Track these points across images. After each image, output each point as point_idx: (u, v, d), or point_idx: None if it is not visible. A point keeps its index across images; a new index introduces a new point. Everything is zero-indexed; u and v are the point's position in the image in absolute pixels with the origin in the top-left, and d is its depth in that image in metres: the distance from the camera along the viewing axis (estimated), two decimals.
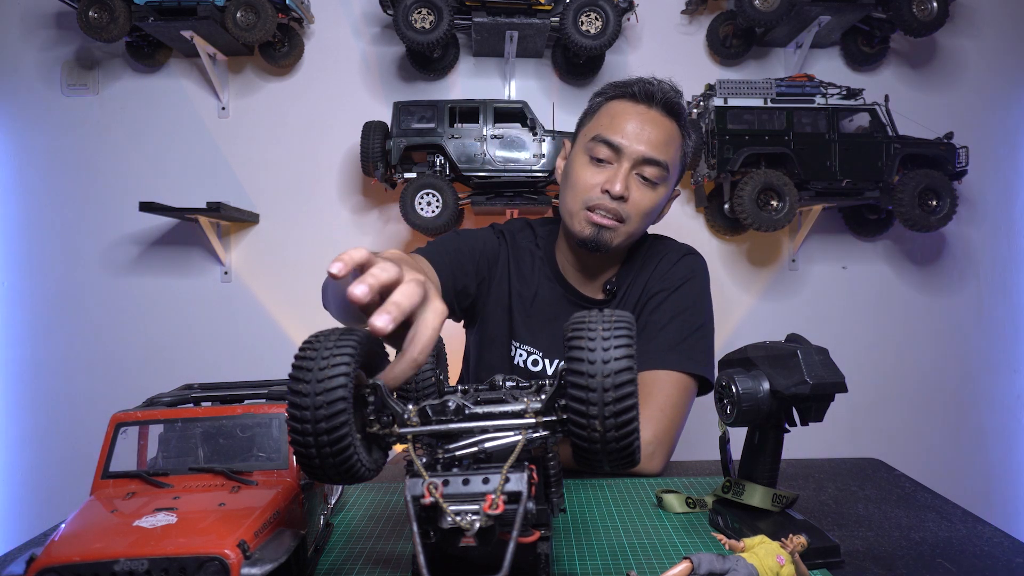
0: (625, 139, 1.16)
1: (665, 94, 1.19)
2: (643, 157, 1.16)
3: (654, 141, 1.17)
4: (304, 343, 0.53)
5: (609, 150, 1.17)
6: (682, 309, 1.24)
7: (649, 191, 1.19)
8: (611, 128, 1.18)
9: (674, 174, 1.23)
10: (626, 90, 1.20)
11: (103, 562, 0.50)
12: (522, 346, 1.30)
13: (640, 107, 1.19)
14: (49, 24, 2.29)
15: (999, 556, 0.74)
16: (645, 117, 1.18)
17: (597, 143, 1.18)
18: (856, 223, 2.36)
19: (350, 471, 0.52)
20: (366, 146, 2.02)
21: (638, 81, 1.21)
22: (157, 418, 0.69)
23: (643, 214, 1.20)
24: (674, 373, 1.17)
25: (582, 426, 0.50)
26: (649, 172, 1.18)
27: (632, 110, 1.18)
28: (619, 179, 1.15)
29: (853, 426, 2.33)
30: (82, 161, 2.28)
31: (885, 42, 2.34)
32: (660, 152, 1.17)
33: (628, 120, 1.17)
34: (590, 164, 1.19)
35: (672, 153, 1.19)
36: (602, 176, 1.18)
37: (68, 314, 2.28)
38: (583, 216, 1.19)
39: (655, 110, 1.18)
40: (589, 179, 1.19)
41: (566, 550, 0.75)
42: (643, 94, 1.19)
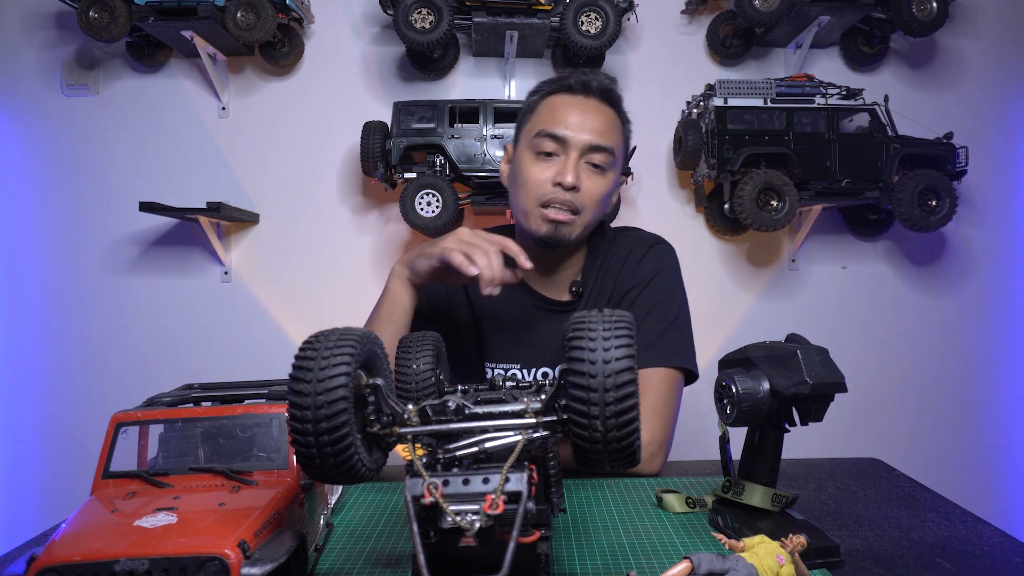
0: (569, 130, 1.16)
1: (601, 83, 1.21)
2: (589, 145, 1.16)
3: (597, 128, 1.17)
4: (304, 343, 0.53)
5: (555, 143, 1.17)
6: (656, 303, 1.23)
7: (599, 178, 1.19)
8: (553, 121, 1.18)
9: (619, 161, 1.24)
10: (562, 83, 1.21)
11: (103, 562, 0.50)
12: (498, 365, 1.29)
13: (578, 98, 1.19)
14: (49, 24, 2.29)
15: (999, 556, 0.74)
16: (585, 107, 1.19)
17: (542, 138, 1.18)
18: (856, 223, 2.36)
19: (350, 471, 0.52)
20: (366, 146, 2.02)
21: (573, 73, 1.22)
22: (157, 418, 0.69)
23: (596, 202, 1.19)
24: (660, 369, 1.17)
25: (583, 426, 0.50)
26: (597, 159, 1.18)
27: (571, 101, 1.19)
28: (570, 169, 1.15)
29: (853, 426, 2.33)
30: (82, 161, 2.28)
31: (885, 42, 2.34)
32: (605, 138, 1.17)
33: (569, 111, 1.18)
34: (537, 160, 1.18)
35: (615, 138, 1.20)
36: (551, 170, 1.17)
37: (68, 314, 2.28)
38: (538, 214, 1.18)
39: (593, 99, 1.20)
40: (539, 175, 1.18)
41: (566, 550, 0.75)
42: (579, 85, 1.20)
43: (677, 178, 2.35)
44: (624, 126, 1.25)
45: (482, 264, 1.01)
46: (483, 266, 1.01)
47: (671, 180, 2.35)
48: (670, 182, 2.35)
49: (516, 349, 1.28)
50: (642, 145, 2.22)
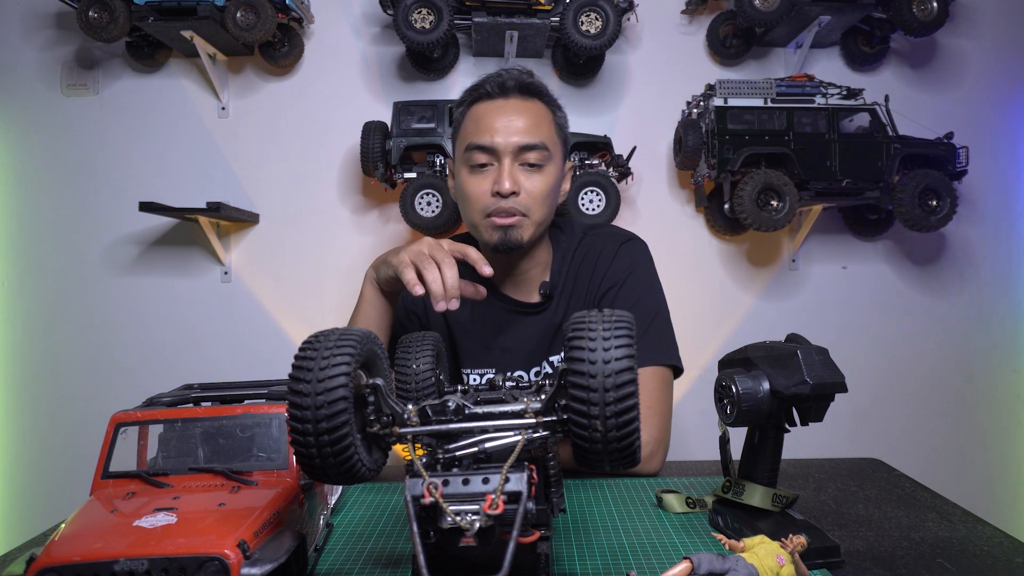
0: (495, 136, 1.15)
1: (517, 79, 1.18)
2: (518, 147, 1.15)
3: (523, 127, 1.15)
4: (304, 343, 0.53)
5: (485, 154, 1.16)
6: (635, 301, 1.23)
7: (538, 175, 1.17)
8: (479, 132, 1.16)
9: (557, 150, 1.21)
10: (480, 91, 1.19)
11: (103, 562, 0.50)
12: (473, 371, 1.29)
13: (498, 101, 1.18)
14: (49, 24, 2.29)
15: (999, 556, 0.74)
16: (506, 108, 1.17)
17: (472, 151, 1.16)
18: (856, 223, 2.36)
19: (350, 471, 0.52)
20: (366, 146, 2.02)
21: (488, 78, 1.19)
22: (157, 418, 0.69)
23: (541, 199, 1.18)
24: (649, 368, 1.17)
25: (583, 426, 0.50)
26: (531, 157, 1.16)
27: (492, 107, 1.17)
28: (504, 177, 1.14)
29: (853, 426, 2.33)
30: (82, 161, 2.28)
31: (885, 42, 2.34)
32: (533, 135, 1.15)
33: (492, 118, 1.16)
34: (473, 173, 1.18)
35: (546, 131, 1.18)
36: (487, 181, 1.16)
37: (68, 314, 2.28)
38: (485, 224, 1.18)
39: (513, 98, 1.17)
40: (477, 187, 1.17)
41: (566, 550, 0.75)
42: (496, 87, 1.18)
43: (677, 178, 2.35)
44: (555, 113, 1.22)
45: (430, 279, 0.98)
46: (430, 281, 0.98)
47: (671, 180, 2.35)
48: (670, 182, 2.35)
49: (490, 354, 1.28)
50: (642, 145, 2.22)
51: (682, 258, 2.34)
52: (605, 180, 2.05)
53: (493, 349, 1.28)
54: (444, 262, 1.00)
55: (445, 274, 0.99)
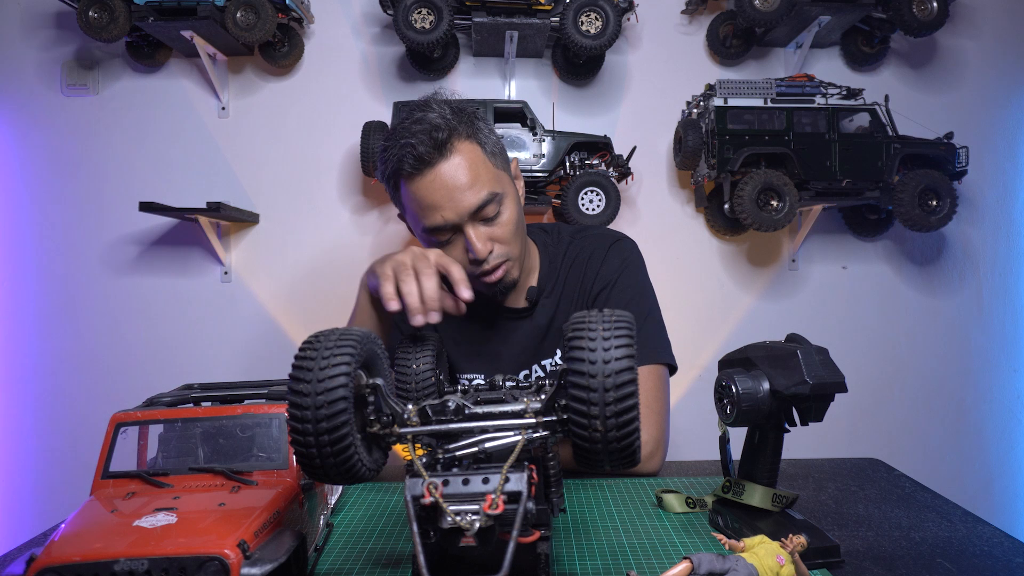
0: (445, 213, 1.08)
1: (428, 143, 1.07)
2: (471, 211, 1.09)
3: (465, 188, 1.08)
4: (304, 343, 0.53)
5: (444, 231, 1.11)
6: (627, 300, 1.22)
7: (500, 219, 1.12)
8: (426, 214, 1.10)
9: (504, 180, 1.16)
10: (401, 171, 1.10)
11: (103, 562, 0.50)
12: (462, 376, 1.29)
13: (426, 176, 1.08)
14: (49, 24, 2.29)
15: (999, 556, 0.74)
16: (438, 178, 1.08)
17: (431, 233, 1.12)
18: (856, 223, 2.36)
19: (350, 471, 0.52)
20: (366, 146, 2.02)
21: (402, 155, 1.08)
22: (157, 418, 0.69)
23: (513, 238, 1.14)
24: (644, 367, 1.17)
25: (583, 426, 0.50)
26: (488, 211, 1.10)
27: (423, 183, 1.08)
28: (475, 243, 1.09)
29: (853, 426, 2.33)
30: (82, 161, 2.28)
31: (885, 42, 2.34)
32: (478, 190, 1.09)
33: (430, 195, 1.08)
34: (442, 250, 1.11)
35: (486, 175, 1.11)
36: (458, 250, 1.12)
37: (68, 314, 2.28)
38: (478, 283, 1.15)
39: (437, 163, 1.08)
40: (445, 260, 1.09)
41: (566, 550, 0.75)
42: (415, 163, 1.08)
43: (677, 178, 2.35)
44: (482, 141, 1.13)
45: (406, 291, 0.95)
46: (407, 294, 0.95)
47: (671, 180, 2.35)
48: (670, 182, 2.35)
49: (479, 359, 1.28)
50: (642, 145, 2.22)
51: (682, 258, 2.34)
52: (605, 180, 2.05)
53: (482, 354, 1.28)
54: (424, 273, 0.97)
55: (424, 286, 0.96)
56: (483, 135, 1.14)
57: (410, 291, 0.95)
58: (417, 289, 0.96)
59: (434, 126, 1.07)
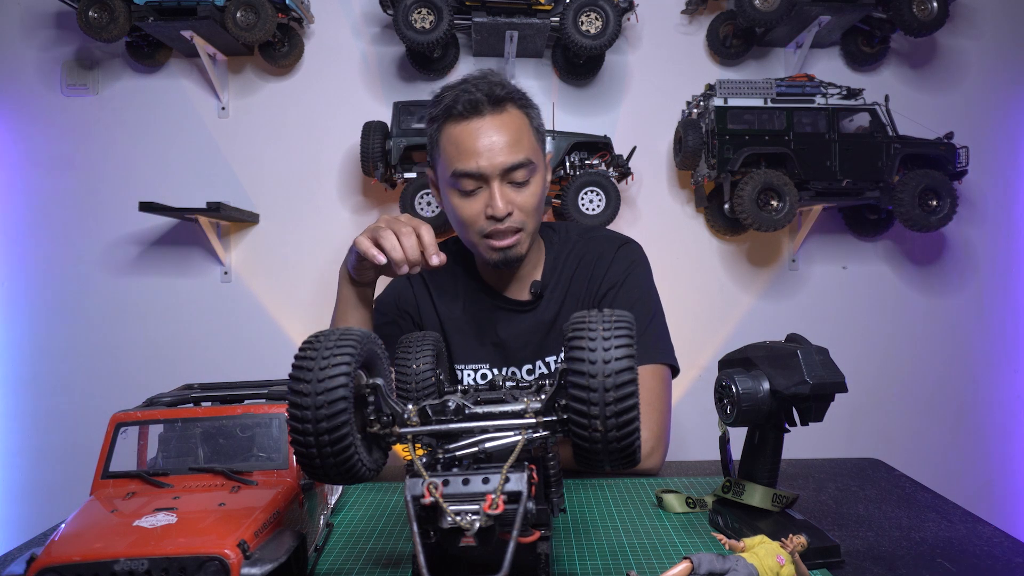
0: (480, 161, 1.11)
1: (487, 92, 1.12)
2: (504, 167, 1.12)
3: (506, 145, 1.12)
4: (304, 343, 0.53)
5: (472, 180, 1.13)
6: (634, 301, 1.24)
7: (527, 189, 1.16)
8: (461, 158, 1.13)
9: (539, 157, 1.20)
10: (452, 111, 1.13)
11: (103, 562, 0.50)
12: (467, 366, 1.30)
13: (473, 122, 1.12)
14: (49, 24, 2.29)
15: (999, 556, 0.74)
16: (483, 128, 1.12)
17: (459, 178, 1.14)
18: (856, 223, 2.36)
19: (351, 471, 0.52)
20: (366, 146, 2.02)
21: (458, 96, 1.13)
22: (157, 418, 0.69)
23: (533, 212, 1.18)
24: (647, 366, 1.18)
25: (583, 426, 0.50)
26: (518, 176, 1.14)
27: (468, 129, 1.12)
28: (497, 201, 1.12)
29: (853, 426, 2.33)
30: (82, 161, 2.28)
31: (885, 42, 2.34)
32: (516, 152, 1.13)
33: (471, 141, 1.12)
34: (463, 197, 1.16)
35: (526, 143, 1.15)
36: (479, 203, 1.15)
37: (68, 314, 2.28)
38: (484, 245, 1.18)
39: (487, 114, 1.12)
40: (469, 210, 1.16)
41: (566, 550, 0.75)
42: (468, 107, 1.12)
43: (677, 178, 2.35)
44: (530, 116, 1.18)
45: (388, 247, 0.99)
46: (389, 248, 0.99)
47: (671, 180, 2.35)
48: (670, 182, 2.35)
49: (483, 350, 1.29)
50: (642, 145, 2.22)
51: (682, 258, 2.35)
52: (605, 180, 2.05)
53: (485, 344, 1.29)
54: (402, 231, 1.02)
55: (404, 242, 1.00)
56: (533, 112, 1.20)
57: (392, 245, 1.01)
58: (397, 243, 1.01)
59: (494, 83, 1.14)
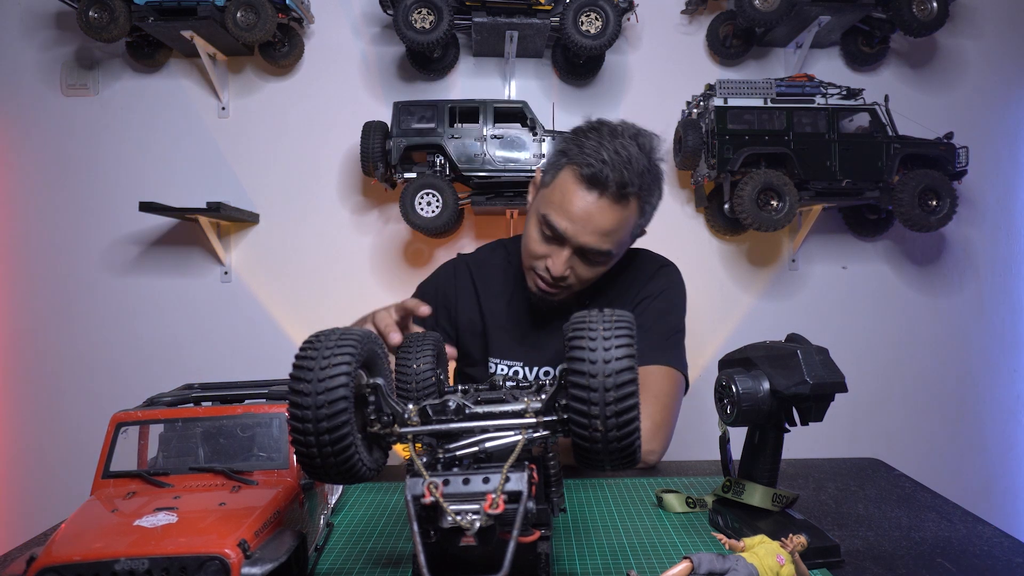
0: (570, 226, 1.13)
1: (621, 179, 1.10)
2: (585, 246, 1.15)
3: (599, 232, 1.13)
4: (304, 343, 0.53)
5: (553, 233, 1.16)
6: (664, 313, 1.29)
7: (593, 266, 1.20)
8: (560, 211, 1.14)
9: (625, 246, 1.22)
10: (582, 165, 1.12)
11: (103, 561, 0.50)
12: (502, 361, 1.33)
13: (589, 194, 1.12)
14: (49, 24, 2.29)
15: (999, 556, 0.74)
16: (593, 205, 1.12)
17: (545, 222, 1.16)
18: (856, 223, 2.36)
19: (351, 471, 0.52)
20: (366, 146, 2.02)
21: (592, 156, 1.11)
22: (157, 418, 0.69)
23: (587, 280, 1.22)
24: (664, 368, 1.22)
25: (583, 426, 0.50)
26: (592, 257, 1.17)
27: (580, 194, 1.13)
28: (559, 263, 1.16)
29: (853, 426, 2.33)
30: (82, 161, 2.28)
31: (885, 42, 2.34)
32: (604, 242, 1.14)
33: (574, 206, 1.13)
34: (540, 234, 1.18)
35: (620, 236, 1.17)
36: (547, 249, 1.18)
37: (69, 314, 2.28)
38: (532, 276, 1.23)
39: (605, 197, 1.12)
40: (536, 248, 1.19)
41: (566, 550, 0.75)
42: (592, 180, 1.11)
43: (677, 178, 2.35)
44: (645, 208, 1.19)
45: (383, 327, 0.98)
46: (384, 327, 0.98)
47: (671, 180, 2.35)
48: (670, 182, 2.35)
49: (521, 348, 1.32)
50: None
51: (682, 258, 2.31)
52: None
53: (525, 344, 1.32)
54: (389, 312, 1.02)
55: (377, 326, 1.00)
56: (652, 202, 1.21)
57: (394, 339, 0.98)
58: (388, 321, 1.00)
59: (631, 174, 1.11)
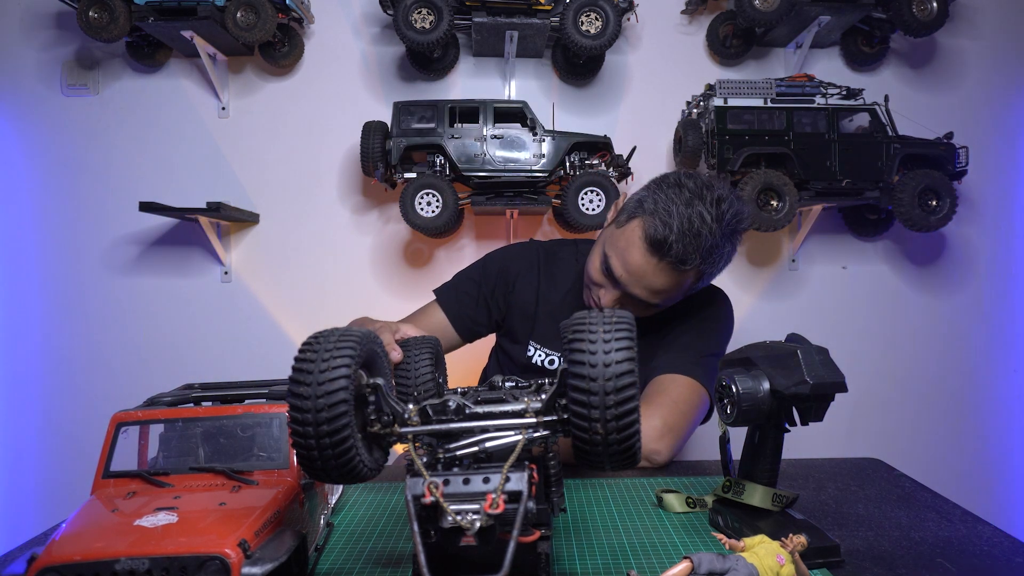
0: (624, 275, 1.16)
1: (682, 250, 1.11)
2: (635, 297, 1.18)
3: (650, 288, 1.16)
4: (304, 343, 0.53)
5: (609, 274, 1.19)
6: (706, 335, 1.29)
7: (642, 309, 1.21)
8: (619, 258, 1.17)
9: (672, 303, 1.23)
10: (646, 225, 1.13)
11: (104, 561, 0.50)
12: (541, 347, 1.37)
13: (649, 254, 1.14)
14: (49, 24, 2.29)
15: (999, 556, 0.74)
16: (652, 266, 1.14)
17: (601, 269, 1.21)
18: (856, 223, 2.36)
19: (351, 471, 0.52)
20: (366, 146, 2.02)
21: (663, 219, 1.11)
22: (158, 418, 0.69)
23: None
24: (691, 380, 1.20)
25: (584, 428, 0.50)
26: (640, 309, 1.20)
27: (642, 251, 1.14)
28: (608, 299, 1.21)
29: (853, 426, 2.33)
30: (82, 161, 2.28)
31: (885, 42, 2.34)
32: (653, 297, 1.17)
33: (634, 261, 1.15)
34: (599, 267, 1.22)
35: (673, 294, 1.19)
36: (602, 280, 1.22)
37: (68, 314, 2.28)
38: (586, 291, 1.27)
39: (664, 261, 1.13)
40: (594, 275, 1.23)
41: (566, 550, 0.75)
42: (655, 244, 1.12)
43: None
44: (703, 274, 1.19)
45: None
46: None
47: None
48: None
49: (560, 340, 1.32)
50: (642, 145, 2.22)
51: None
52: (605, 180, 2.04)
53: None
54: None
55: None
56: (714, 272, 1.20)
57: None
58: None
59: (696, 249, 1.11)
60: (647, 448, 1.09)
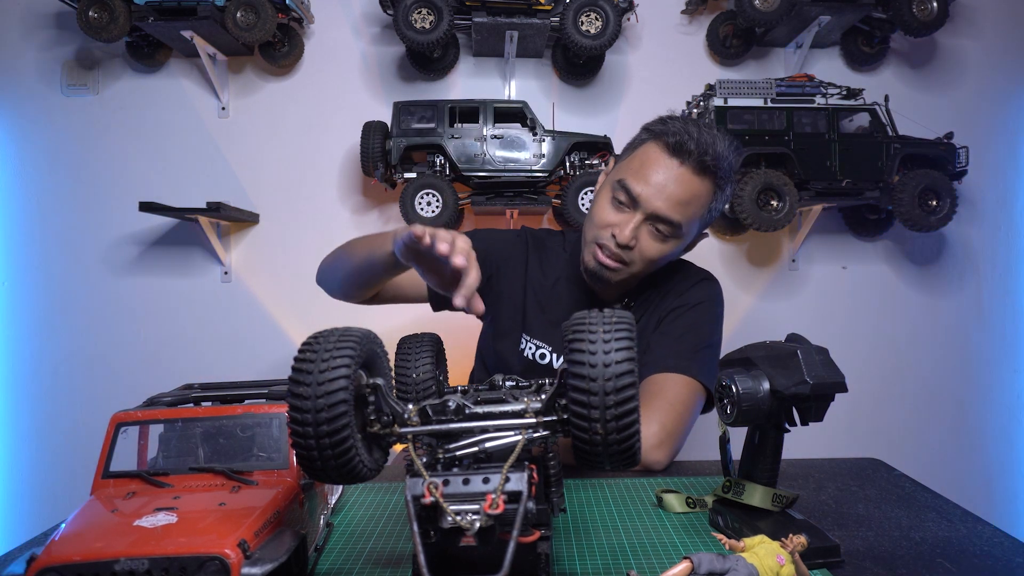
0: (645, 190, 1.15)
1: (701, 151, 1.13)
2: (657, 214, 1.15)
3: (674, 199, 1.14)
4: (304, 343, 0.53)
5: (628, 196, 1.17)
6: (697, 324, 1.27)
7: (658, 243, 1.19)
8: (637, 175, 1.16)
9: (692, 229, 1.22)
10: (664, 135, 1.16)
11: (103, 562, 0.50)
12: (532, 340, 1.33)
13: (672, 161, 1.14)
14: (49, 24, 2.29)
15: (999, 556, 0.74)
16: (672, 173, 1.14)
17: (620, 187, 1.17)
18: (856, 223, 2.36)
19: (351, 471, 0.52)
20: (366, 146, 2.02)
21: (678, 130, 1.15)
22: (157, 418, 0.69)
23: (648, 261, 1.20)
24: (686, 377, 1.19)
25: (583, 428, 0.50)
26: (662, 228, 1.17)
27: (662, 160, 1.15)
28: (628, 228, 1.16)
29: (853, 426, 2.33)
30: (82, 161, 2.28)
31: (885, 42, 2.34)
32: (677, 212, 1.15)
33: (655, 171, 1.15)
34: (610, 203, 1.20)
35: (692, 212, 1.17)
36: (616, 218, 1.18)
37: (68, 314, 2.28)
38: (591, 249, 1.22)
39: (686, 167, 1.14)
40: (604, 217, 1.20)
41: (566, 550, 0.75)
42: (676, 147, 1.14)
43: None
44: (717, 195, 1.20)
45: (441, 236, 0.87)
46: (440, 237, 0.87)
47: None
48: None
49: (554, 332, 1.31)
50: None
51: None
52: None
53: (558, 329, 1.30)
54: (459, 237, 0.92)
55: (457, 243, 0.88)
56: (723, 195, 1.21)
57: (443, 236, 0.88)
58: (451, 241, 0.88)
59: (716, 151, 1.14)
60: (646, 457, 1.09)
